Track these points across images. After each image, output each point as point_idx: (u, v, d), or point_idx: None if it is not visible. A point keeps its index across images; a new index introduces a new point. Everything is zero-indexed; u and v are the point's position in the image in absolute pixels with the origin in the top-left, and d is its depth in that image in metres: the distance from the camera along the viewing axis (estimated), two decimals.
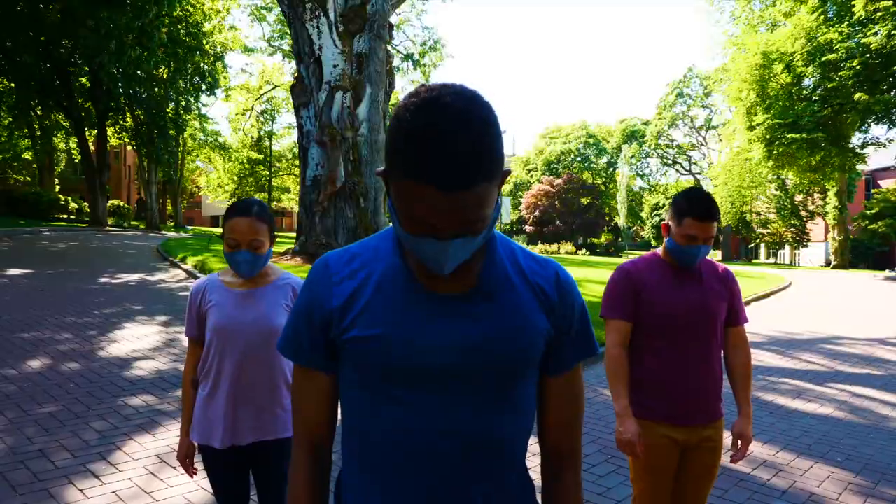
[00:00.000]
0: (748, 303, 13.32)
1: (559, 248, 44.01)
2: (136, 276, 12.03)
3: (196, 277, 11.94)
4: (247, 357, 1.96)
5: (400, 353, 0.90)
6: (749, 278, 19.15)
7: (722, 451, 2.21)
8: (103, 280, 11.32)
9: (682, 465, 2.17)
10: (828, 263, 39.40)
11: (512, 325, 0.93)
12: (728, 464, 3.83)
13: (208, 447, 2.00)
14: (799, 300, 14.45)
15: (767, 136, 28.22)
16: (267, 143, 50.09)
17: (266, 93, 47.22)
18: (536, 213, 50.94)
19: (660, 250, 2.24)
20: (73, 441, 3.81)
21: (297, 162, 52.19)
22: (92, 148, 30.12)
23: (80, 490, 3.17)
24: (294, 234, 47.75)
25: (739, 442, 2.19)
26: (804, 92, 28.69)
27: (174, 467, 3.48)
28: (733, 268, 28.87)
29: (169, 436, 3.97)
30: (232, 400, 1.96)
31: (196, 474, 2.16)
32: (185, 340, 6.59)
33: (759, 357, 7.47)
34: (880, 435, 4.66)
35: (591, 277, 14.78)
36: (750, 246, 56.06)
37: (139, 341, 6.52)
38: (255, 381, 1.98)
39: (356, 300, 0.93)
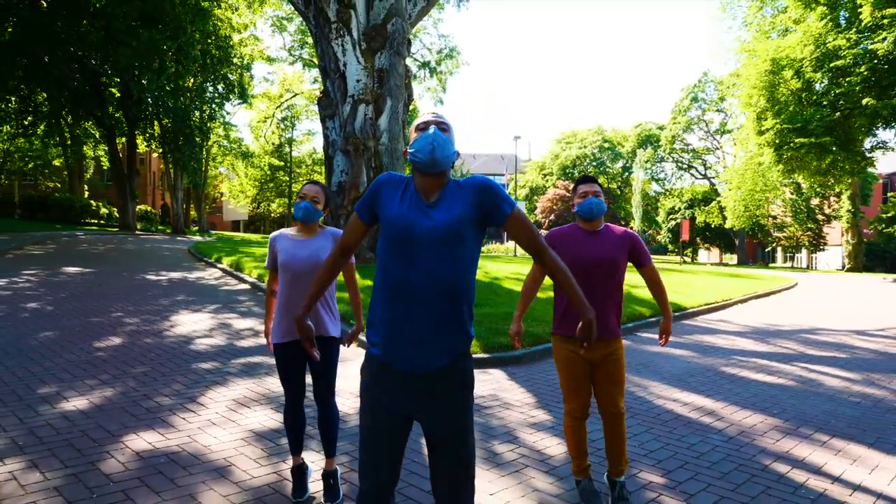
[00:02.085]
0: (746, 300, 14.15)
1: None
2: (177, 274, 13.18)
3: (232, 276, 13.07)
4: (303, 281, 3.02)
5: (404, 228, 1.98)
6: (755, 279, 19.85)
7: (623, 362, 3.19)
8: (149, 277, 12.48)
9: (595, 377, 3.17)
10: (844, 267, 39.65)
11: (454, 214, 1.98)
12: (673, 406, 4.78)
13: (283, 345, 3.09)
14: (799, 299, 15.18)
15: (776, 141, 28.82)
16: (287, 150, 51.48)
17: (287, 101, 48.62)
18: (552, 217, 51.76)
19: (577, 222, 3.26)
20: (166, 390, 4.89)
21: (316, 168, 53.57)
22: (121, 155, 31.58)
23: (183, 419, 4.24)
24: None
25: (664, 334, 3.25)
26: (814, 97, 29.18)
27: (248, 407, 4.55)
28: (748, 271, 29.43)
29: (239, 388, 5.03)
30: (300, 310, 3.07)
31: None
32: (235, 324, 7.72)
33: (738, 343, 8.37)
34: (820, 398, 5.57)
35: None
36: (766, 250, 56.27)
37: (196, 325, 7.62)
38: None
39: (392, 195, 2.05)
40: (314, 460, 3.60)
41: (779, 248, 54.44)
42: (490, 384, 5.64)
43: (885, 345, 8.63)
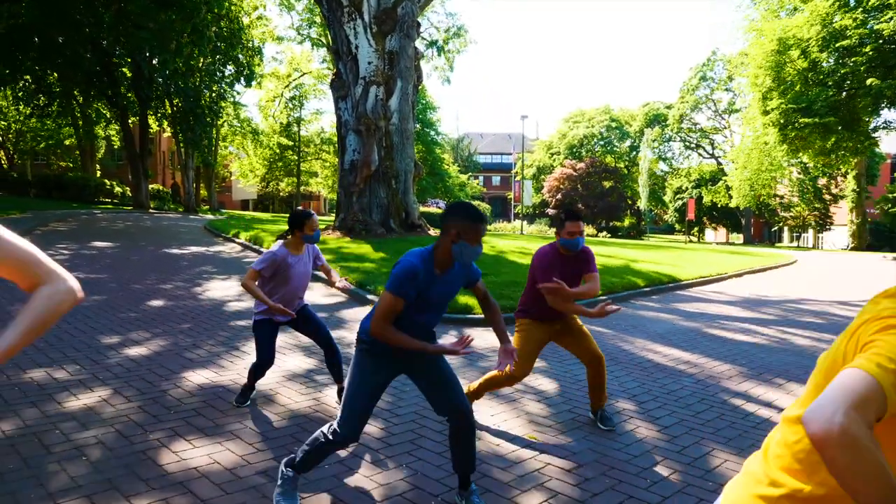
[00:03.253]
0: (742, 275, 14.77)
1: None
2: (198, 249, 13.92)
3: (252, 250, 13.80)
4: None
5: (422, 297, 2.63)
6: (754, 256, 20.41)
7: (581, 322, 3.87)
8: (173, 251, 13.22)
9: (563, 340, 3.84)
10: (848, 246, 39.95)
11: (457, 283, 2.71)
12: (654, 357, 5.45)
13: (269, 321, 3.94)
14: (794, 275, 15.72)
15: (781, 121, 29.13)
16: (295, 129, 51.97)
17: (295, 80, 49.01)
18: (559, 196, 52.11)
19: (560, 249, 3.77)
20: (212, 341, 5.63)
21: (324, 147, 54.05)
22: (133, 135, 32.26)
23: (230, 362, 4.98)
24: (320, 217, 49.14)
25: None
26: (820, 77, 29.34)
27: (284, 354, 5.28)
28: (750, 249, 29.93)
29: None
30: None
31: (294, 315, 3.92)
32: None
33: (724, 310, 9.03)
34: (787, 353, 6.25)
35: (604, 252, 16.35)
36: (773, 229, 56.52)
37: (226, 291, 8.36)
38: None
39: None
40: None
41: (785, 228, 54.63)
42: (492, 337, 6.34)
43: None
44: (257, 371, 4.02)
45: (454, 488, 2.97)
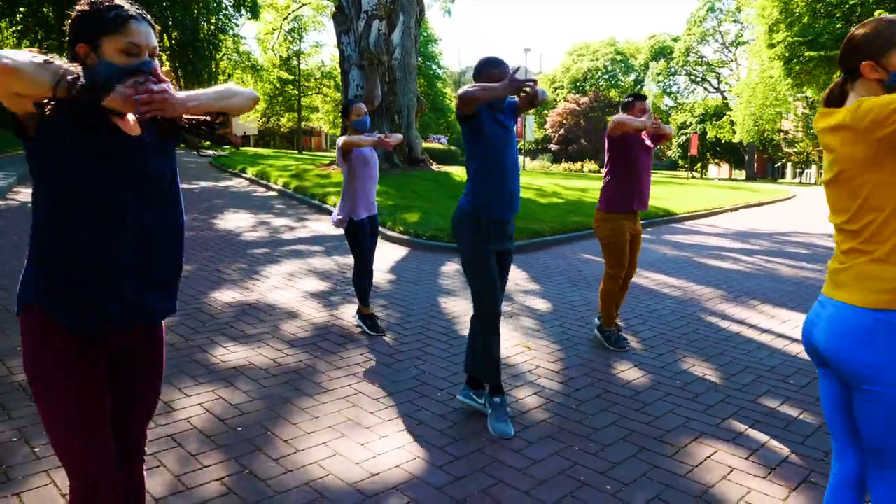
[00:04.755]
0: (737, 209, 15.10)
1: (583, 166, 45.25)
2: (207, 183, 14.26)
3: (259, 184, 14.13)
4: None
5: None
6: (752, 191, 20.68)
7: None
8: (183, 186, 13.42)
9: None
10: None
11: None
12: (642, 282, 5.95)
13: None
14: (790, 209, 16.05)
15: (786, 55, 28.76)
16: (295, 63, 51.08)
17: (294, 11, 47.87)
18: (562, 131, 51.76)
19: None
20: (234, 266, 6.11)
21: (324, 81, 53.25)
22: None
23: (252, 285, 5.46)
24: (322, 153, 48.43)
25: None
26: (828, 8, 28.73)
27: (300, 278, 5.76)
28: (750, 185, 30.09)
29: (289, 266, 6.24)
30: None
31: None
32: (273, 222, 8.87)
33: (714, 241, 9.47)
34: (767, 279, 6.71)
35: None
36: (776, 165, 56.30)
37: (240, 223, 8.79)
38: None
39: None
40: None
41: (788, 164, 54.41)
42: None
43: None
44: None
45: (458, 384, 3.47)
